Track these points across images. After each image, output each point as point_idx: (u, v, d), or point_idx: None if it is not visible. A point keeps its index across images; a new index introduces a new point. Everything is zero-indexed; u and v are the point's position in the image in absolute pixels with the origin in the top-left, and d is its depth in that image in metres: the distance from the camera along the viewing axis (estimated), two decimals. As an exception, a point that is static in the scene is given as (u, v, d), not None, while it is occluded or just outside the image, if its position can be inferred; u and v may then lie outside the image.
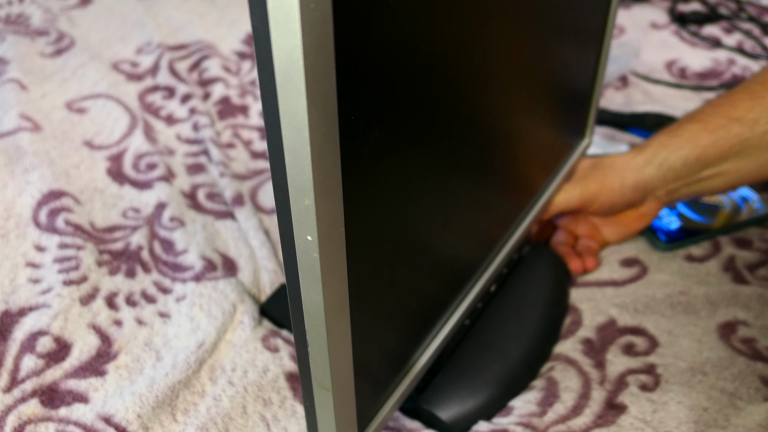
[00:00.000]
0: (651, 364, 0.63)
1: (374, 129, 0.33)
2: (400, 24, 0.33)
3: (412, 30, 0.34)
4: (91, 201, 0.77)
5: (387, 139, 0.35)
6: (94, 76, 0.93)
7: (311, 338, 0.36)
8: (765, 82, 0.65)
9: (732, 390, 0.60)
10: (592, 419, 0.59)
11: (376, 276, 0.40)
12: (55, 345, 0.63)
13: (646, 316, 0.67)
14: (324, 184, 0.30)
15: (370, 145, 0.33)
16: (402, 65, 0.34)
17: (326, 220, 0.31)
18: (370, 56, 0.31)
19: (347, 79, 0.30)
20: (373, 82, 0.32)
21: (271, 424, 0.59)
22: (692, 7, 1.19)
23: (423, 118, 0.38)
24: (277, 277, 0.70)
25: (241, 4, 1.09)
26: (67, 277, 0.68)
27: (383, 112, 0.34)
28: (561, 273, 0.71)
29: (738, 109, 0.65)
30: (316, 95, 0.27)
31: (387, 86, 0.33)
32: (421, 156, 0.40)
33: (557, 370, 0.63)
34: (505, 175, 0.57)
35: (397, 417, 0.60)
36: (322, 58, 0.27)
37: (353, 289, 0.36)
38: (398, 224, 0.40)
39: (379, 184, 0.36)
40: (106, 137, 0.86)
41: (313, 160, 0.29)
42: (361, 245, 0.36)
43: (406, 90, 0.35)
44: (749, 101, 0.65)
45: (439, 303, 0.52)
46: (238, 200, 0.78)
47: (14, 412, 0.58)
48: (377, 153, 0.34)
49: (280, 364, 0.62)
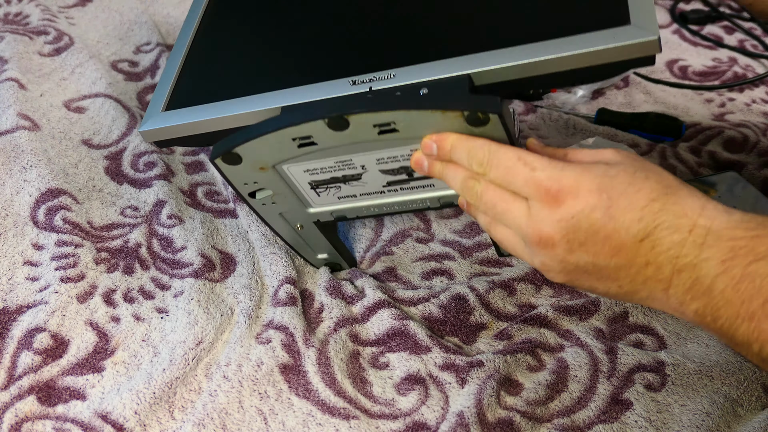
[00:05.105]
0: (661, 362, 0.63)
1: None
2: None
3: None
4: (90, 199, 0.77)
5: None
6: (92, 75, 0.93)
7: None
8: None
9: (736, 396, 0.60)
10: (597, 414, 0.59)
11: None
12: (52, 342, 0.62)
13: (657, 315, 0.67)
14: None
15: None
16: None
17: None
18: None
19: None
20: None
21: (268, 418, 0.59)
22: (693, 6, 1.19)
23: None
24: (277, 267, 0.70)
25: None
26: (64, 275, 0.67)
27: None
28: None
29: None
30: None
31: None
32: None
33: (569, 352, 0.63)
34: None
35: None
36: None
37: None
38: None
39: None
40: (105, 136, 0.85)
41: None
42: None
43: None
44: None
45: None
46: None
47: (11, 410, 0.58)
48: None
49: (273, 356, 0.62)
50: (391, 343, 0.64)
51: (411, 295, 0.69)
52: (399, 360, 0.63)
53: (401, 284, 0.71)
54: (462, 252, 0.74)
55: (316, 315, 0.67)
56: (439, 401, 0.61)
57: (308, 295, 0.69)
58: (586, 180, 0.44)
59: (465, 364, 0.62)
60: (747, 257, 0.40)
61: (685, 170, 0.85)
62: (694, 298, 0.43)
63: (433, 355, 0.63)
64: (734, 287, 0.41)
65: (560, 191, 0.44)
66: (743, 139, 0.88)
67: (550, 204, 0.44)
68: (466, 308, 0.67)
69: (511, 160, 0.46)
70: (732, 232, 0.41)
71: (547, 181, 0.44)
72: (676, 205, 0.43)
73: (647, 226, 0.43)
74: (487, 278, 0.71)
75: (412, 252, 0.75)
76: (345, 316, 0.66)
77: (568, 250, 0.45)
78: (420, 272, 0.72)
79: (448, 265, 0.73)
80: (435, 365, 0.63)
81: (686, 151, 0.87)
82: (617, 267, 0.45)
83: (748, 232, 0.41)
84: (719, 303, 0.41)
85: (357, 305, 0.67)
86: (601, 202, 0.43)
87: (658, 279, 0.44)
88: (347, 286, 0.69)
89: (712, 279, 0.41)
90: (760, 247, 0.40)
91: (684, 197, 0.43)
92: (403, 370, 0.62)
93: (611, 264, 0.45)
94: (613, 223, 0.43)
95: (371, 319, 0.66)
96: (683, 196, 0.43)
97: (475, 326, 0.67)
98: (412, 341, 0.64)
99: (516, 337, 0.65)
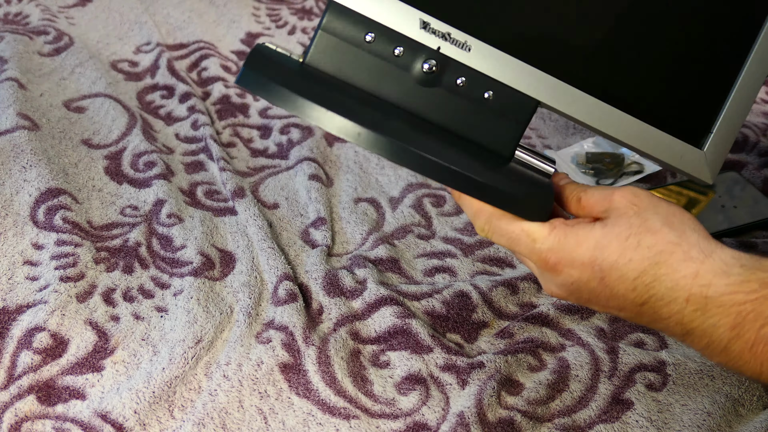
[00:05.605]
0: (662, 361, 0.63)
1: None
2: None
3: None
4: (89, 199, 0.77)
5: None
6: (92, 75, 0.93)
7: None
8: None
9: (737, 396, 0.60)
10: (597, 413, 0.59)
11: None
12: (51, 341, 0.62)
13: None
14: None
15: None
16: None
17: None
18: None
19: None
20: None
21: (268, 417, 0.59)
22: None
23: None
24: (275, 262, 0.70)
25: (241, 4, 1.09)
26: (64, 274, 0.67)
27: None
28: None
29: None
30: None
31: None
32: None
33: (570, 352, 0.63)
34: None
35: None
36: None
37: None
38: None
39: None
40: (105, 136, 0.85)
41: None
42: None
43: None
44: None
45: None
46: (239, 193, 0.78)
47: (11, 409, 0.58)
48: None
49: (273, 356, 0.62)
50: (392, 341, 0.64)
51: (414, 290, 0.69)
52: (400, 359, 0.63)
53: (404, 278, 0.71)
54: (464, 249, 0.75)
55: (315, 316, 0.67)
56: (440, 402, 0.61)
57: (306, 291, 0.69)
58: (580, 253, 0.45)
59: (466, 365, 0.62)
60: (757, 321, 0.41)
61: (685, 170, 0.85)
62: (713, 355, 0.44)
63: (434, 356, 0.63)
64: (750, 351, 0.42)
65: (558, 263, 0.46)
66: (743, 139, 0.88)
67: (551, 272, 0.47)
68: (469, 305, 0.67)
69: (514, 233, 0.48)
70: (733, 298, 0.42)
71: (546, 253, 0.46)
72: (666, 276, 0.44)
73: (641, 296, 0.44)
74: (489, 277, 0.71)
75: (413, 248, 0.75)
76: (345, 314, 0.66)
77: (576, 300, 0.48)
78: (422, 269, 0.73)
79: (450, 263, 0.73)
80: (436, 366, 0.63)
81: (687, 151, 0.87)
82: (628, 318, 0.47)
83: (750, 296, 0.42)
84: (739, 362, 0.43)
85: (358, 300, 0.67)
86: (594, 275, 0.45)
87: (672, 332, 0.45)
88: (346, 277, 0.69)
89: (726, 343, 0.43)
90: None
91: (676, 264, 0.44)
92: (404, 370, 0.62)
93: (622, 315, 0.47)
94: (610, 291, 0.45)
95: (372, 316, 0.66)
96: (675, 264, 0.44)
97: (477, 324, 0.67)
98: (414, 340, 0.64)
99: (517, 336, 0.65)
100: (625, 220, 0.45)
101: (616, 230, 0.45)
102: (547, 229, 0.47)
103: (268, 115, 0.91)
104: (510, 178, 0.48)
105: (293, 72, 0.48)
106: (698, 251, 0.44)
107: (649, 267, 0.44)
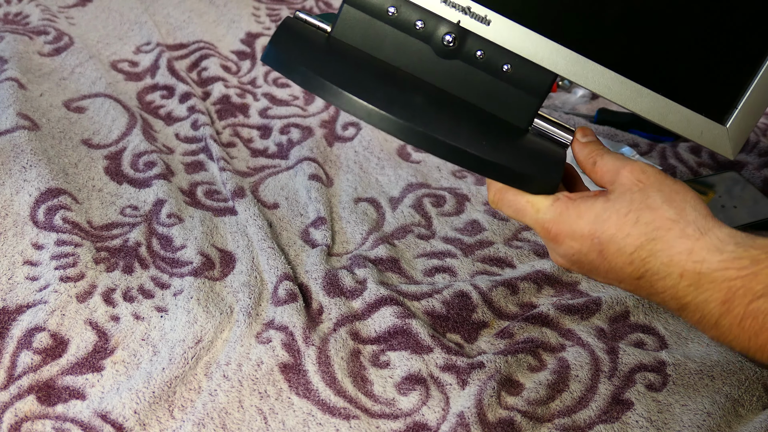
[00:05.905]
0: (662, 361, 0.63)
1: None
2: None
3: None
4: (89, 199, 0.77)
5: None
6: (92, 75, 0.93)
7: None
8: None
9: (737, 396, 0.60)
10: (597, 414, 0.59)
11: None
12: (51, 341, 0.62)
13: (658, 315, 0.67)
14: None
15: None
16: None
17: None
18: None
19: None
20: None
21: (268, 417, 0.59)
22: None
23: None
24: (274, 262, 0.70)
25: (241, 4, 1.09)
26: (64, 274, 0.67)
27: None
28: None
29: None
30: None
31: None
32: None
33: (570, 352, 0.63)
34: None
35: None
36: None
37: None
38: None
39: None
40: (105, 136, 0.85)
41: None
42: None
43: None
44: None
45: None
46: (239, 193, 0.78)
47: (11, 409, 0.58)
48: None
49: (273, 356, 0.62)
50: (392, 341, 0.64)
51: (414, 289, 0.69)
52: (400, 359, 0.63)
53: (404, 278, 0.71)
54: (464, 249, 0.75)
55: (315, 316, 0.67)
56: (440, 402, 0.61)
57: (306, 291, 0.69)
58: (580, 225, 0.47)
59: (466, 366, 0.62)
60: (746, 296, 0.43)
61: (685, 170, 0.85)
62: (706, 329, 0.45)
63: (434, 356, 0.63)
64: (739, 325, 0.43)
65: (559, 234, 0.48)
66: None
67: (553, 242, 0.49)
68: (469, 305, 0.67)
69: (520, 203, 0.50)
70: (725, 273, 0.43)
71: (548, 223, 0.49)
72: (662, 252, 0.45)
73: (638, 269, 0.46)
74: (489, 277, 0.71)
75: (413, 248, 0.75)
76: (345, 314, 0.66)
77: (579, 270, 0.50)
78: (422, 269, 0.73)
79: (450, 263, 0.73)
80: (436, 366, 0.63)
81: (686, 151, 0.87)
82: (627, 289, 0.49)
83: (741, 272, 0.43)
84: (729, 336, 0.44)
85: (358, 300, 0.67)
86: (593, 247, 0.47)
87: (668, 306, 0.46)
88: (346, 277, 0.69)
89: (717, 317, 0.44)
90: (757, 286, 0.42)
91: (672, 240, 0.45)
92: (404, 370, 0.62)
93: (621, 286, 0.48)
94: (608, 264, 0.47)
95: (372, 316, 0.66)
96: (671, 240, 0.45)
97: (477, 324, 0.67)
98: (414, 340, 0.64)
99: (517, 336, 0.65)
100: (628, 196, 0.47)
101: (616, 206, 0.47)
102: (551, 200, 0.49)
103: (268, 115, 0.91)
104: (518, 155, 0.50)
105: (316, 49, 0.51)
106: (694, 229, 0.45)
107: (645, 242, 0.45)
